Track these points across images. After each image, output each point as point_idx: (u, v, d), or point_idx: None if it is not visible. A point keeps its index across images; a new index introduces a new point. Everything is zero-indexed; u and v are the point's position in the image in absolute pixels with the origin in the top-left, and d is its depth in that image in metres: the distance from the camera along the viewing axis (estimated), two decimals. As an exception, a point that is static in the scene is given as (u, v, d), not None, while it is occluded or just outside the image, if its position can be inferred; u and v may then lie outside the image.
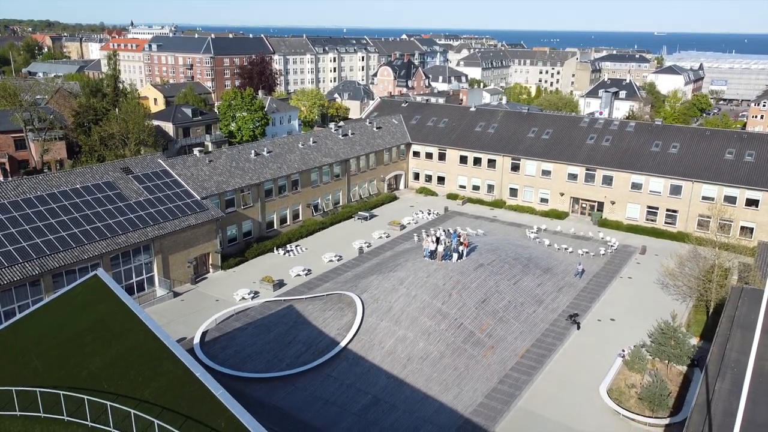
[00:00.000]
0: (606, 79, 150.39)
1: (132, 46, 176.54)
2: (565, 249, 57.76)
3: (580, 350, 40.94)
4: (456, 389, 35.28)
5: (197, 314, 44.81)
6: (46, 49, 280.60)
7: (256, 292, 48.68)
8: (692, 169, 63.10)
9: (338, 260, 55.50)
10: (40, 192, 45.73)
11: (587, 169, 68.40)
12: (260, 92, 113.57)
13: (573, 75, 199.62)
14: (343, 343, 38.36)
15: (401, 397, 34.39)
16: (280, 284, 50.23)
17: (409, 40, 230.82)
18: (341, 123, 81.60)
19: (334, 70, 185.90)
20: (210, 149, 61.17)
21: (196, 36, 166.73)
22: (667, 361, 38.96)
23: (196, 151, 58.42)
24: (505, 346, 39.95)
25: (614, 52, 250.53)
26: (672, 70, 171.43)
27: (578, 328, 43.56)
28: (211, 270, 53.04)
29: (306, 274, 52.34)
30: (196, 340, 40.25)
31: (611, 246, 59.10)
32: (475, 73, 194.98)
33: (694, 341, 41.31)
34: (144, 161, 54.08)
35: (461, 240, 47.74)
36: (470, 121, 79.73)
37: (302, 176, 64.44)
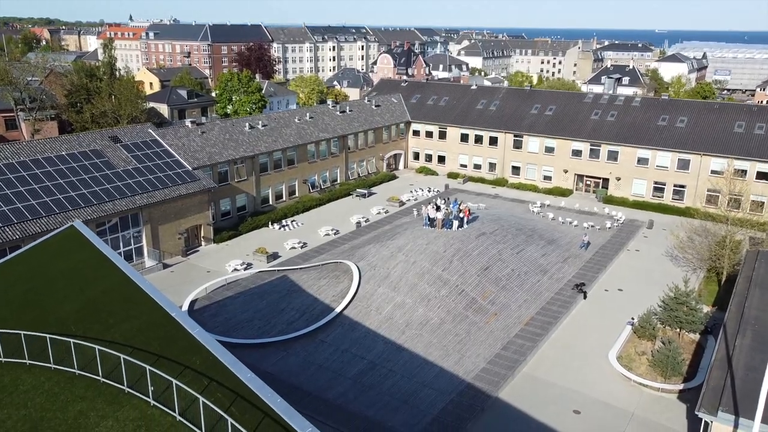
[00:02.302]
0: (609, 66, 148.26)
1: (129, 34, 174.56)
2: (570, 223, 55.85)
3: (587, 318, 39.08)
4: (457, 355, 33.42)
5: (187, 285, 42.93)
6: (44, 42, 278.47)
7: (249, 264, 46.83)
8: (701, 143, 61.15)
9: (335, 234, 53.63)
10: (23, 157, 43.87)
11: (592, 145, 66.48)
12: (258, 75, 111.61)
13: (575, 65, 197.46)
14: (338, 309, 36.52)
15: (399, 362, 32.54)
16: (275, 256, 48.38)
17: (409, 30, 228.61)
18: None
19: (334, 59, 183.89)
20: (203, 122, 59.15)
21: (194, 24, 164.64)
22: (678, 329, 37.10)
23: (187, 122, 56.56)
24: (508, 313, 38.07)
25: (616, 42, 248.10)
26: (675, 58, 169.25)
27: (585, 297, 41.69)
28: (203, 243, 51.19)
29: (301, 247, 50.50)
30: (185, 308, 38.37)
31: (617, 220, 57.20)
32: (476, 62, 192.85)
33: (706, 309, 39.47)
34: (133, 131, 52.19)
35: (461, 207, 45.86)
36: (471, 99, 77.77)
37: (298, 151, 62.54)
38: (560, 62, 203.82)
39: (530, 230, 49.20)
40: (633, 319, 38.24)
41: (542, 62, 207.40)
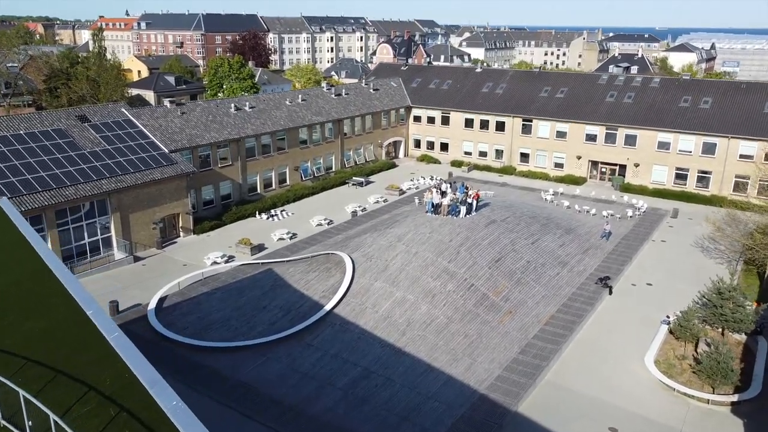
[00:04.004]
0: (617, 55, 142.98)
1: (120, 25, 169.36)
2: (587, 211, 50.78)
3: (615, 317, 34.02)
4: (468, 360, 28.38)
5: (159, 279, 37.87)
6: (38, 37, 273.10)
7: (231, 256, 41.80)
8: (728, 125, 55.99)
9: (328, 224, 48.62)
10: (-27, 136, 38.83)
11: (607, 129, 61.32)
12: (251, 62, 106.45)
13: (580, 56, 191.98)
14: (328, 307, 31.46)
15: (399, 369, 27.48)
16: (260, 248, 43.37)
17: (409, 22, 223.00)
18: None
19: (332, 50, 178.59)
20: (183, 102, 54.09)
21: (187, 13, 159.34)
22: (721, 329, 32.11)
23: (166, 101, 51.52)
24: (525, 311, 33.02)
25: (622, 33, 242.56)
26: (684, 48, 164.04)
27: (610, 292, 36.63)
28: (181, 234, 46.15)
29: (290, 238, 45.47)
30: (152, 305, 33.35)
31: (639, 209, 52.11)
32: (478, 54, 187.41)
33: (752, 306, 34.41)
34: (104, 110, 47.14)
35: (469, 192, 40.81)
36: (476, 81, 72.66)
37: (289, 135, 57.44)
38: (564, 53, 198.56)
39: (545, 218, 44.17)
40: (668, 317, 33.22)
41: (546, 54, 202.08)
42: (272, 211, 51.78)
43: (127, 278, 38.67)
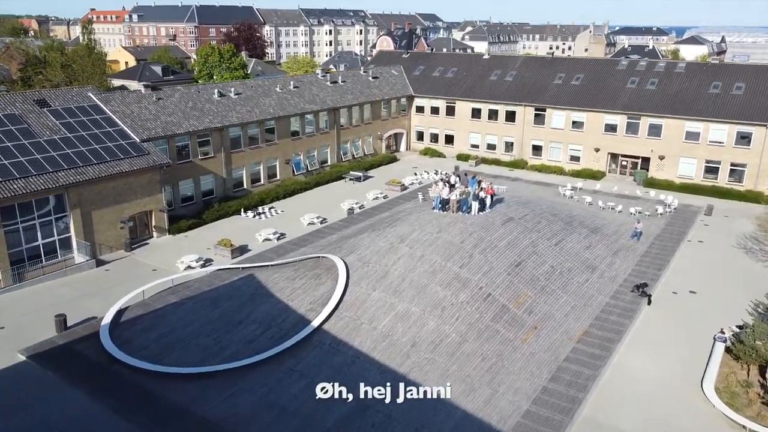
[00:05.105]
0: (627, 47, 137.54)
1: (112, 17, 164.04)
2: (612, 208, 45.42)
3: (658, 332, 28.63)
4: (487, 390, 23.01)
5: (123, 286, 32.45)
6: (32, 33, 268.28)
7: (208, 260, 36.46)
8: (765, 112, 50.58)
9: (321, 223, 43.30)
10: None
11: (629, 118, 55.88)
12: (244, 53, 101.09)
13: (586, 49, 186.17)
14: (316, 322, 26.11)
15: (402, 402, 22.07)
16: (243, 250, 38.03)
17: (410, 15, 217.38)
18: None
19: (330, 44, 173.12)
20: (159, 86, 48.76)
21: (180, 5, 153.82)
22: (786, 348, 26.74)
23: (140, 86, 46.14)
24: (553, 325, 27.65)
25: (629, 27, 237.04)
26: (695, 41, 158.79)
27: (649, 302, 31.25)
28: (155, 234, 40.84)
29: (278, 239, 40.13)
30: (107, 319, 28.01)
31: (669, 205, 46.73)
32: (481, 47, 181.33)
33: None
34: (68, 94, 41.72)
35: (482, 186, 35.46)
36: (484, 69, 67.20)
37: (279, 125, 52.05)
38: (570, 47, 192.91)
39: (567, 216, 38.82)
40: (723, 332, 27.84)
41: (551, 48, 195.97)
42: (259, 209, 46.51)
43: (85, 286, 33.34)
